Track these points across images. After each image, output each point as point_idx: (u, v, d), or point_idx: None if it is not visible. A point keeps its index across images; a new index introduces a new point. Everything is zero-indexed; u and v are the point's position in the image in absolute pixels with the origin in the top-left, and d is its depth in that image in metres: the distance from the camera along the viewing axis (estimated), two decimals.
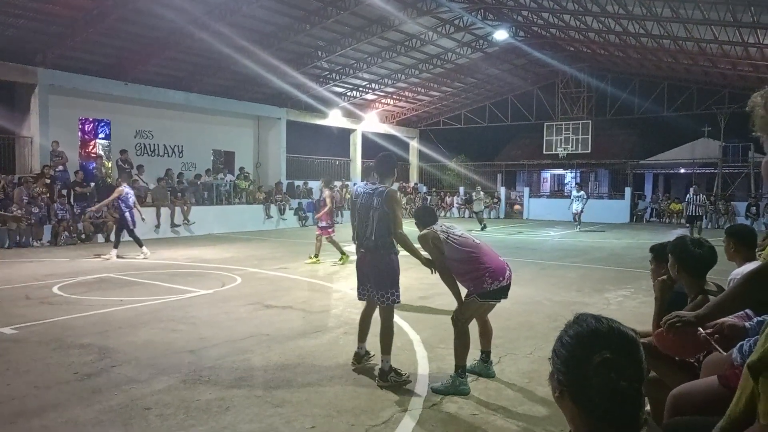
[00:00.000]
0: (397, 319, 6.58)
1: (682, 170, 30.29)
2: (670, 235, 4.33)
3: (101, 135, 19.11)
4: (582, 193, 20.65)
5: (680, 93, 25.82)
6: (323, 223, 11.56)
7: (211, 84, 20.66)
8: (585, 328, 1.31)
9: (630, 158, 29.09)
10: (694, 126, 27.35)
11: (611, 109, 27.72)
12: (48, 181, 14.90)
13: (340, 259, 11.44)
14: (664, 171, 32.03)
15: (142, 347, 5.47)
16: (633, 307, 7.51)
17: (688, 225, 17.23)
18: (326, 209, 11.50)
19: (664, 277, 3.25)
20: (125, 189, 12.07)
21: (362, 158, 28.31)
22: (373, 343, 4.82)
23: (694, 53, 20.49)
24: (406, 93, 27.85)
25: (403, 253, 4.64)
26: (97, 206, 13.42)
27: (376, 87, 26.00)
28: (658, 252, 3.59)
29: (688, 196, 17.88)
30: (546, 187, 36.05)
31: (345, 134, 28.50)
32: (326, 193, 11.57)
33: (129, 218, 11.94)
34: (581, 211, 20.08)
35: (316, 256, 11.58)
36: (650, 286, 3.63)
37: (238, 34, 16.96)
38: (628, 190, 26.34)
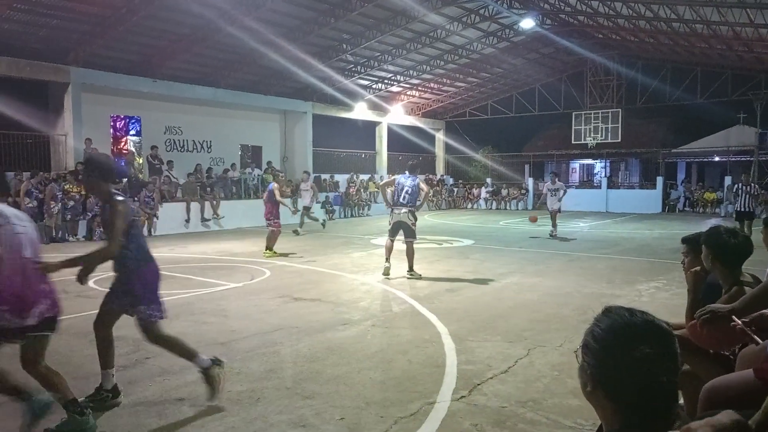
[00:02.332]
0: (424, 311, 6.59)
1: (717, 158, 29.53)
2: (704, 226, 4.23)
3: (132, 132, 19.47)
4: (560, 184, 15.68)
5: (714, 79, 25.08)
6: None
7: (238, 79, 20.86)
8: (618, 321, 1.29)
9: (662, 147, 28.46)
10: (728, 113, 26.61)
11: (642, 97, 27.12)
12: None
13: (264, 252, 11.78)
14: (697, 159, 31.30)
15: None
16: (665, 298, 7.37)
17: (737, 221, 13.32)
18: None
19: (697, 268, 3.19)
20: None
21: (388, 151, 28.30)
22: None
23: (729, 38, 19.89)
24: (432, 84, 27.68)
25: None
26: None
27: (402, 79, 25.89)
28: (693, 243, 3.50)
29: (736, 186, 14.76)
30: (575, 177, 35.61)
31: (371, 127, 28.48)
32: (274, 185, 11.72)
33: None
34: (558, 210, 15.17)
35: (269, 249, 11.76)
36: (683, 278, 3.55)
37: (264, 29, 17.06)
38: (660, 180, 25.81)
